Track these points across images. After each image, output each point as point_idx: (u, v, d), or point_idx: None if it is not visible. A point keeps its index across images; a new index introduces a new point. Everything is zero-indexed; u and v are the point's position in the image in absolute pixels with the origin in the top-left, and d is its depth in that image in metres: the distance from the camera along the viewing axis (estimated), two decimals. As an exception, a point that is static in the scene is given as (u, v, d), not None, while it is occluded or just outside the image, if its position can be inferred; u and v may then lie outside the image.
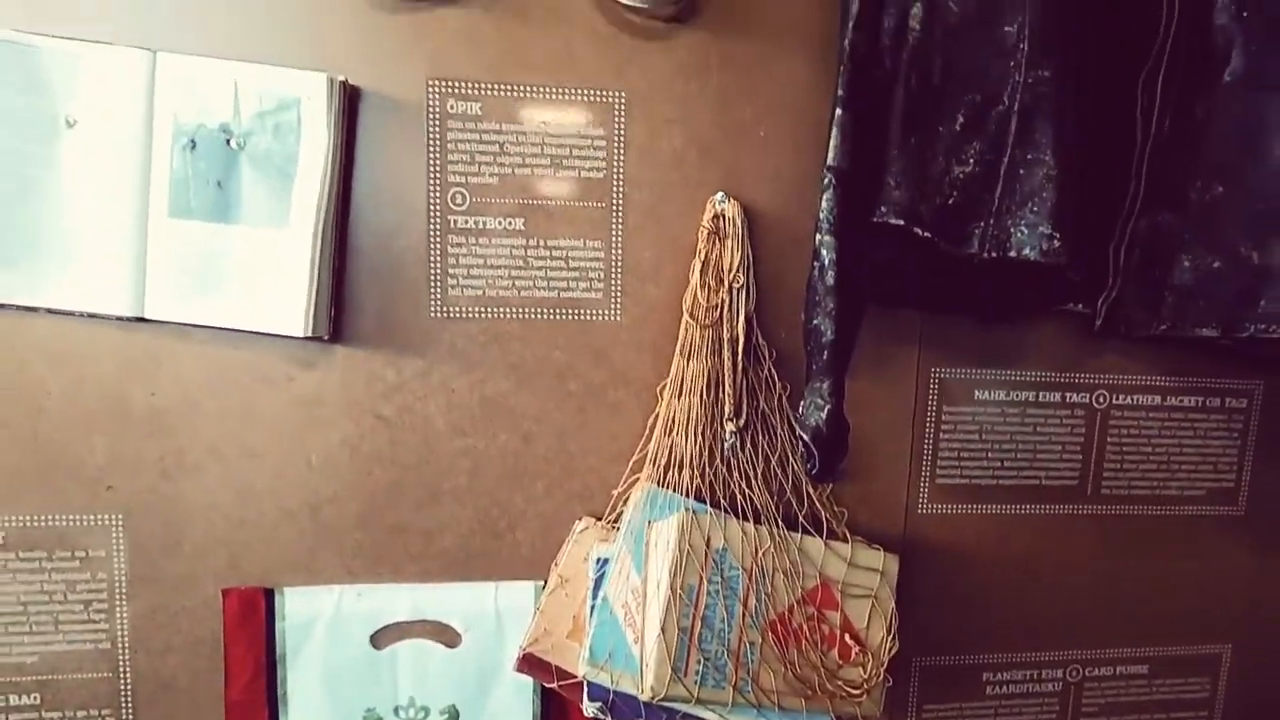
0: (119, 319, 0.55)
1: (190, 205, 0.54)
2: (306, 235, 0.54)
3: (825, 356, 0.50)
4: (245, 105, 0.53)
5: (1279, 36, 0.58)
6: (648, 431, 0.61)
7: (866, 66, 0.51)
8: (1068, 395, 0.68)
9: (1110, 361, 0.68)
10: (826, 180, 0.50)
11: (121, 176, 0.53)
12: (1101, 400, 0.68)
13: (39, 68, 0.52)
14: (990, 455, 0.67)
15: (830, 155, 0.50)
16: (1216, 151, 0.58)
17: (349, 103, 0.55)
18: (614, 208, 0.60)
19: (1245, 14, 0.58)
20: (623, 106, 0.59)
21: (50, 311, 0.54)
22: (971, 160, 0.54)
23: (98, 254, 0.53)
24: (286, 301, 0.54)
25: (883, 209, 0.52)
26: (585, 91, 0.58)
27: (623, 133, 0.59)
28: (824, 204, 0.50)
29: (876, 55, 0.52)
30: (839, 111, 0.50)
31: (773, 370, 0.62)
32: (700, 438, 0.59)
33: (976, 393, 0.66)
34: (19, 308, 0.54)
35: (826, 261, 0.49)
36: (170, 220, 0.54)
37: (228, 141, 0.53)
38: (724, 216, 0.59)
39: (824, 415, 0.49)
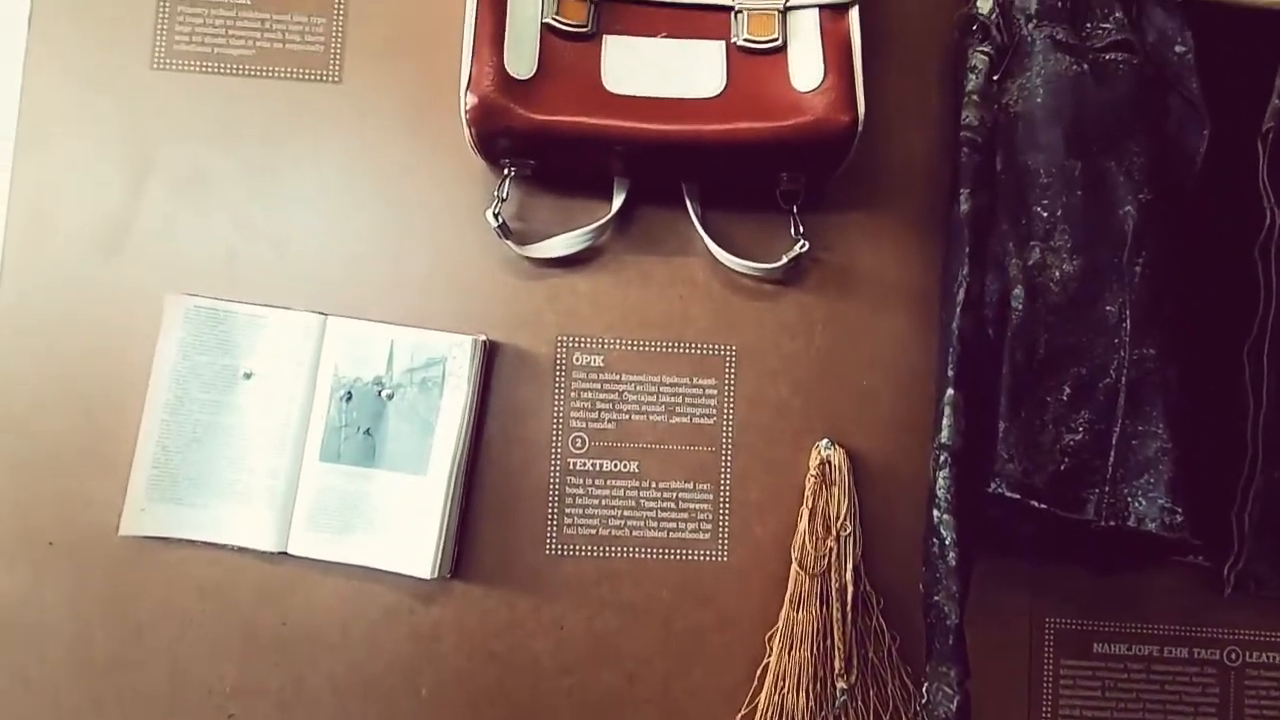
0: (264, 553, 0.59)
1: (340, 450, 0.59)
2: (441, 483, 0.58)
3: (950, 641, 0.49)
4: (398, 362, 0.60)
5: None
6: (756, 681, 0.60)
7: (973, 346, 0.54)
8: (1196, 651, 0.64)
9: (1242, 615, 0.64)
10: (942, 459, 0.52)
11: (285, 423, 0.59)
12: (1234, 657, 0.64)
13: (230, 329, 0.60)
14: (1115, 716, 0.63)
15: (944, 434, 0.52)
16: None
17: (487, 356, 0.61)
18: (723, 453, 0.62)
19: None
20: (733, 359, 0.63)
21: (205, 544, 0.59)
22: (1081, 429, 0.55)
23: (254, 493, 0.59)
24: (417, 544, 0.57)
25: (996, 482, 0.53)
26: (698, 346, 0.63)
27: (733, 383, 0.63)
28: (939, 481, 0.51)
29: (982, 334, 0.55)
30: (950, 391, 0.53)
31: (881, 619, 0.61)
32: (810, 695, 0.58)
33: (1095, 645, 0.64)
34: (178, 540, 0.59)
35: (948, 541, 0.50)
36: (321, 464, 0.59)
37: (379, 393, 0.59)
38: (830, 464, 0.61)
39: (954, 707, 0.48)
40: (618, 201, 0.62)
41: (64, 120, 0.61)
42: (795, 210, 0.62)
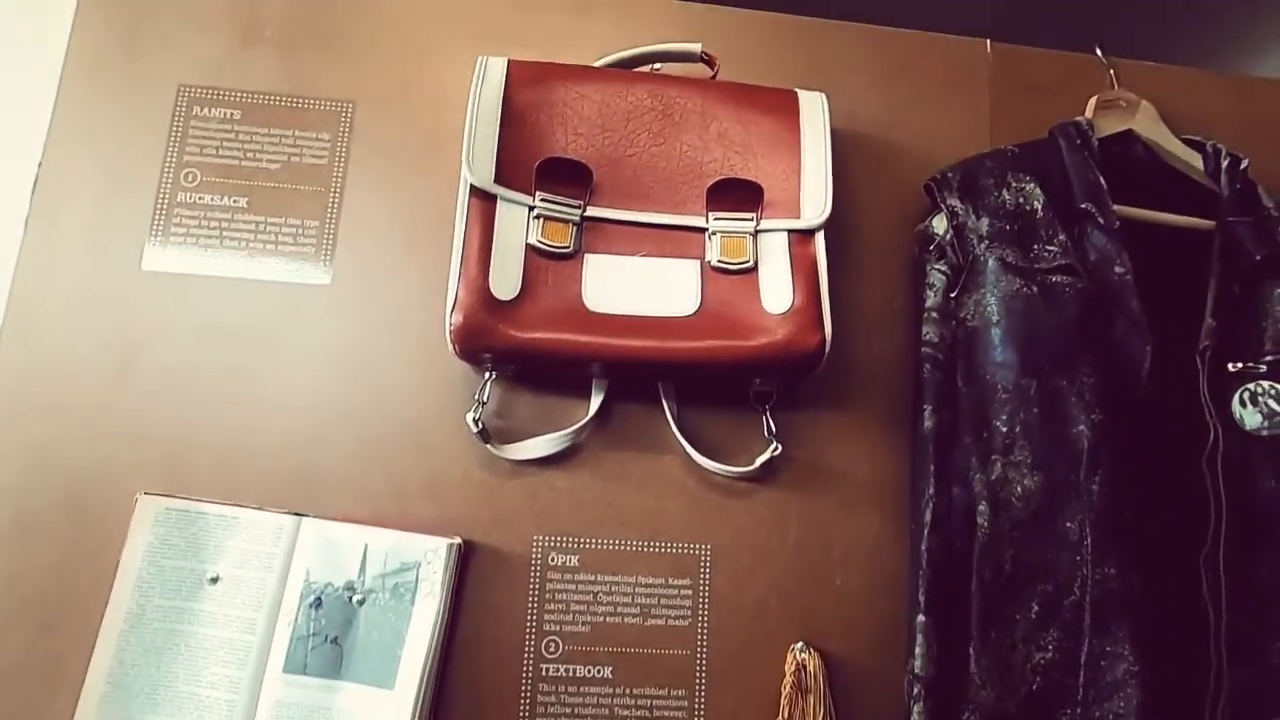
0: (217, 775, 0.56)
1: (305, 661, 0.57)
2: (409, 698, 0.56)
3: None
4: (371, 566, 0.59)
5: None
6: None
7: (943, 566, 0.56)
8: None
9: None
10: (916, 691, 0.52)
11: (249, 631, 0.57)
12: None
13: (200, 530, 0.59)
14: None
15: (917, 663, 0.53)
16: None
17: (462, 557, 0.61)
18: (698, 657, 0.62)
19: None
20: (708, 559, 0.63)
21: (154, 764, 0.56)
22: (1051, 647, 0.56)
23: (211, 709, 0.56)
24: (381, 766, 0.55)
25: (969, 711, 0.53)
26: (674, 545, 0.63)
27: (708, 583, 0.63)
28: (915, 714, 0.51)
29: (950, 551, 0.56)
30: (921, 618, 0.54)
31: (861, 839, 0.59)
32: None
33: None
34: (126, 760, 0.56)
35: (924, 781, 0.50)
36: (284, 675, 0.57)
37: (350, 599, 0.58)
38: (805, 669, 0.61)
39: None
40: (596, 402, 0.63)
41: (54, 315, 0.62)
42: (768, 411, 0.64)
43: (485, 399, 0.61)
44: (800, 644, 0.62)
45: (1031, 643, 0.56)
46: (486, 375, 0.60)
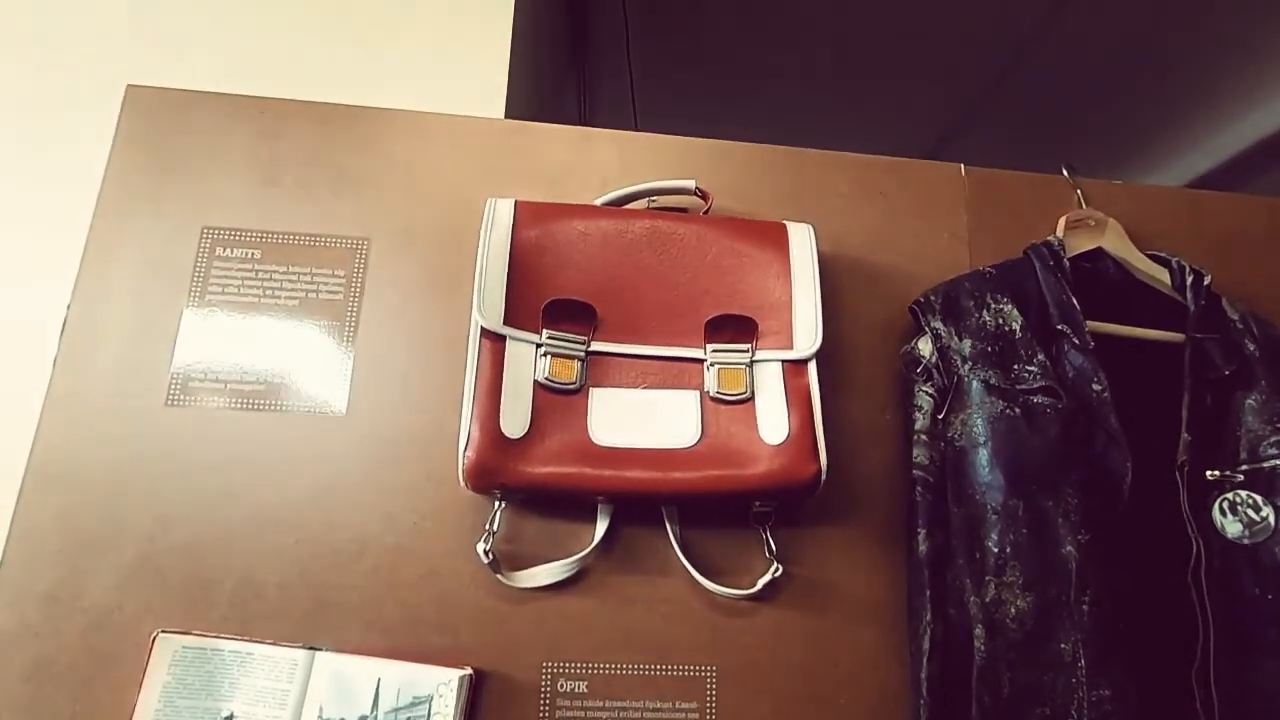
0: None
1: (319, 800, 0.58)
2: (422, 838, 0.57)
3: None
4: (384, 700, 0.60)
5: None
6: None
7: (939, 694, 0.57)
8: None
9: None
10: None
11: (262, 771, 0.58)
12: None
13: (215, 668, 0.60)
14: None
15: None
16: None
17: (472, 688, 0.62)
18: (707, 783, 0.63)
19: (1270, 596, 0.65)
20: (714, 680, 0.65)
21: None
22: (1053, 771, 0.57)
23: None
24: None
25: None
26: (681, 667, 0.65)
27: (714, 705, 0.64)
28: None
29: (948, 677, 0.58)
30: (927, 751, 0.55)
31: None
32: None
33: None
34: None
35: None
36: (298, 816, 0.57)
37: (362, 735, 0.59)
38: (813, 794, 0.62)
39: None
40: (601, 528, 0.65)
41: (78, 455, 0.64)
42: (767, 531, 0.67)
43: (496, 529, 0.63)
44: (807, 767, 0.63)
45: (1034, 767, 0.57)
46: (496, 506, 0.63)
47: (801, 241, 0.70)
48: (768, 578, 0.65)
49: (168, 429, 0.66)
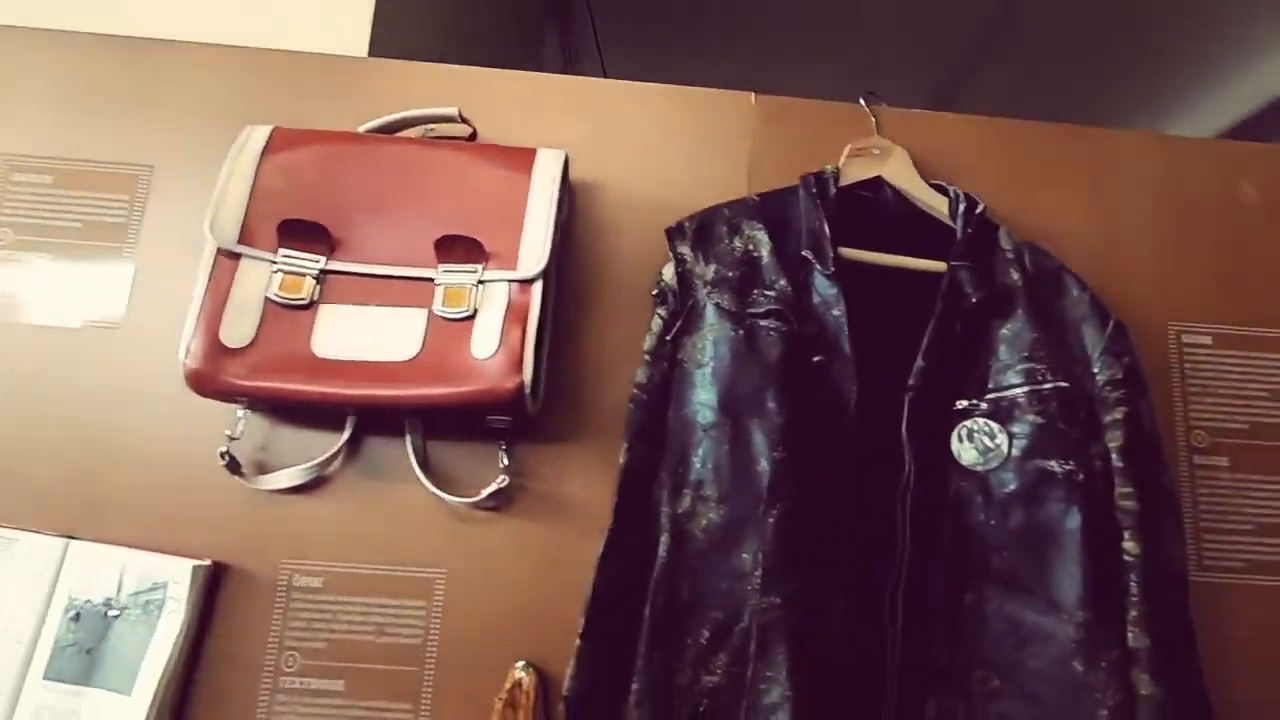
0: (-22, 768, 0.63)
1: (62, 668, 0.64)
2: (145, 703, 0.63)
3: None
4: (127, 585, 0.66)
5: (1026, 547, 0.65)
6: None
7: (610, 597, 0.60)
8: None
9: None
10: (563, 709, 0.56)
11: (18, 641, 0.65)
12: None
13: (-18, 551, 0.67)
14: None
15: (566, 684, 0.57)
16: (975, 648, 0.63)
17: (211, 579, 0.67)
18: (425, 672, 0.67)
19: (993, 522, 0.66)
20: (443, 582, 0.69)
21: (-75, 759, 0.63)
22: (719, 672, 0.60)
23: (-23, 710, 0.64)
24: (115, 765, 0.62)
25: (617, 728, 0.57)
26: (412, 569, 0.69)
27: (440, 606, 0.68)
28: (559, 733, 0.56)
29: (624, 584, 0.61)
30: (578, 642, 0.58)
31: None
32: None
33: None
34: (-97, 753, 0.63)
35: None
36: (43, 681, 0.64)
37: (105, 614, 0.65)
38: (520, 686, 0.66)
39: None
40: (343, 437, 0.70)
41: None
42: (504, 445, 0.70)
43: (238, 435, 0.67)
44: (521, 663, 0.67)
45: (701, 666, 0.60)
46: (240, 414, 0.67)
47: (547, 167, 0.71)
48: (493, 488, 0.68)
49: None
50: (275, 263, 0.67)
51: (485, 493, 0.68)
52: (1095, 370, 0.69)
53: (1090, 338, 0.70)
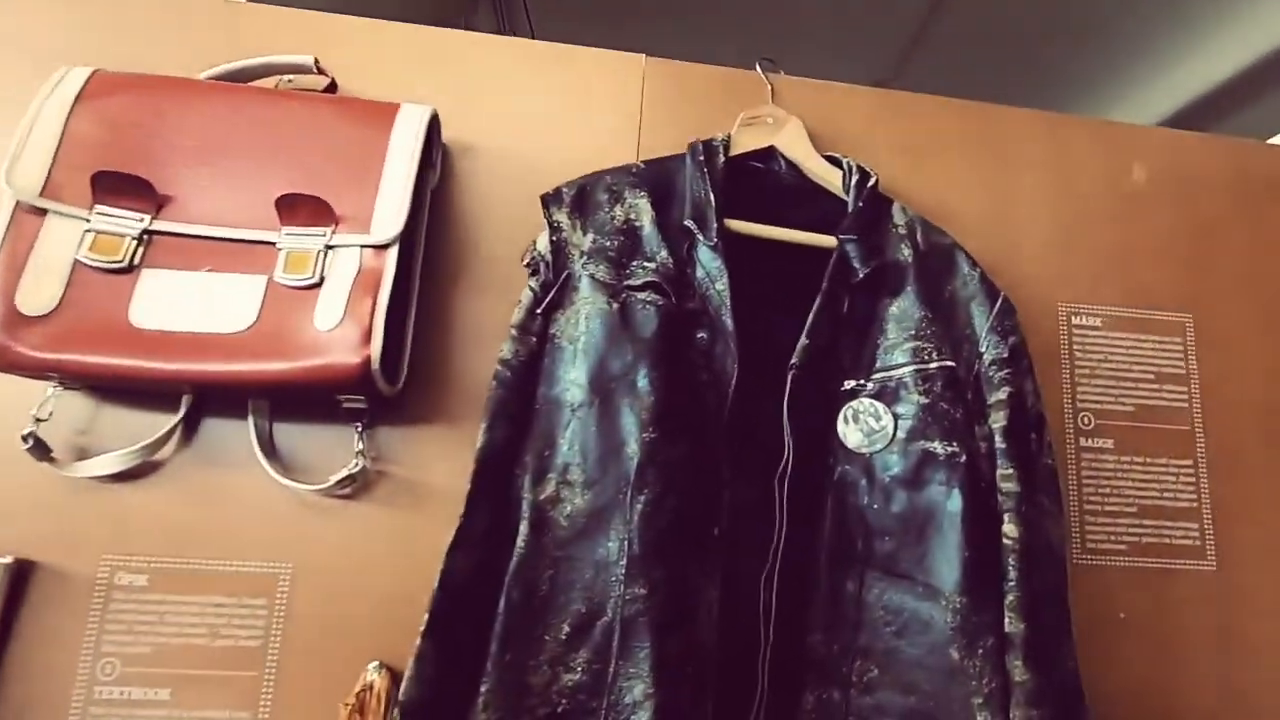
0: None
1: None
2: (-76, 722, 0.55)
3: None
4: (-90, 587, 0.58)
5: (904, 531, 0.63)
6: None
7: (461, 589, 0.55)
8: None
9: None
10: (394, 715, 0.51)
11: None
12: None
13: None
14: None
15: (402, 687, 0.52)
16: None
17: (15, 578, 0.59)
18: (266, 677, 0.61)
19: (876, 506, 0.63)
20: (288, 578, 0.63)
21: None
22: (580, 669, 0.56)
23: None
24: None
25: (468, 737, 0.53)
26: (253, 564, 0.62)
27: (284, 604, 0.62)
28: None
29: (478, 575, 0.56)
30: (418, 641, 0.53)
31: None
32: None
33: None
34: None
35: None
36: None
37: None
38: (371, 689, 0.60)
39: None
40: (176, 418, 0.62)
41: None
42: (360, 427, 0.64)
43: (45, 415, 0.59)
44: (374, 664, 0.61)
45: (560, 664, 0.56)
46: (50, 391, 0.59)
47: (410, 124, 0.65)
48: (344, 473, 0.62)
49: None
50: (89, 220, 0.59)
51: (335, 478, 0.62)
52: (982, 350, 0.67)
53: (978, 317, 0.68)
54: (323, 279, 0.60)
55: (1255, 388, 0.79)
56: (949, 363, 0.65)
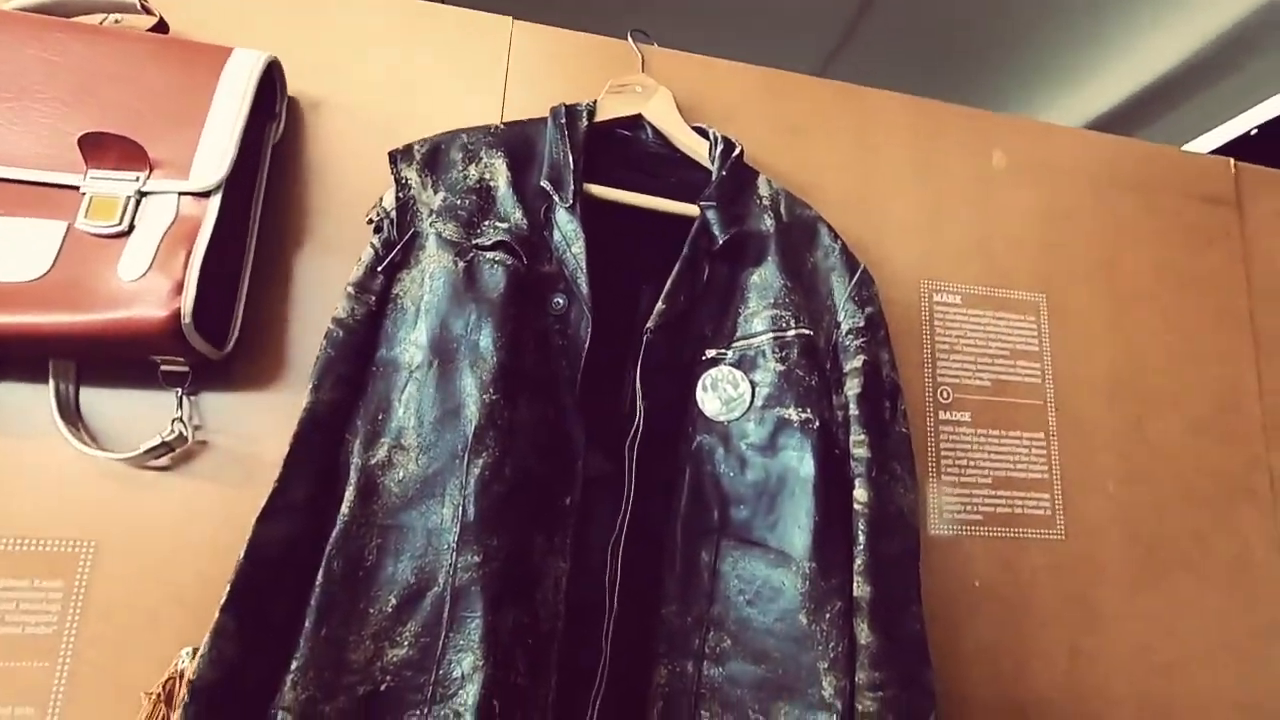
0: None
1: None
2: None
3: None
4: None
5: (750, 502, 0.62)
6: None
7: (271, 560, 0.51)
8: None
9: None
10: (183, 697, 0.46)
11: None
12: None
13: None
14: None
15: (193, 665, 0.47)
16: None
17: None
18: (60, 668, 0.55)
19: (732, 474, 0.62)
20: (89, 557, 0.57)
21: None
22: (407, 644, 0.52)
23: None
24: None
25: (280, 714, 0.48)
26: (47, 543, 0.56)
27: (84, 585, 0.56)
28: (180, 723, 0.46)
29: (293, 545, 0.52)
30: (217, 615, 0.48)
31: None
32: None
33: None
34: None
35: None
36: None
37: None
38: (181, 678, 0.55)
39: None
40: (-41, 380, 0.56)
41: None
42: (181, 393, 0.58)
43: None
44: (188, 649, 0.56)
45: (385, 638, 0.52)
46: None
47: (242, 68, 0.60)
48: (155, 441, 0.57)
49: None
50: None
51: (145, 446, 0.57)
52: (840, 319, 0.67)
53: (838, 287, 0.68)
54: (133, 227, 0.55)
55: (1103, 365, 0.82)
56: (806, 330, 0.65)
